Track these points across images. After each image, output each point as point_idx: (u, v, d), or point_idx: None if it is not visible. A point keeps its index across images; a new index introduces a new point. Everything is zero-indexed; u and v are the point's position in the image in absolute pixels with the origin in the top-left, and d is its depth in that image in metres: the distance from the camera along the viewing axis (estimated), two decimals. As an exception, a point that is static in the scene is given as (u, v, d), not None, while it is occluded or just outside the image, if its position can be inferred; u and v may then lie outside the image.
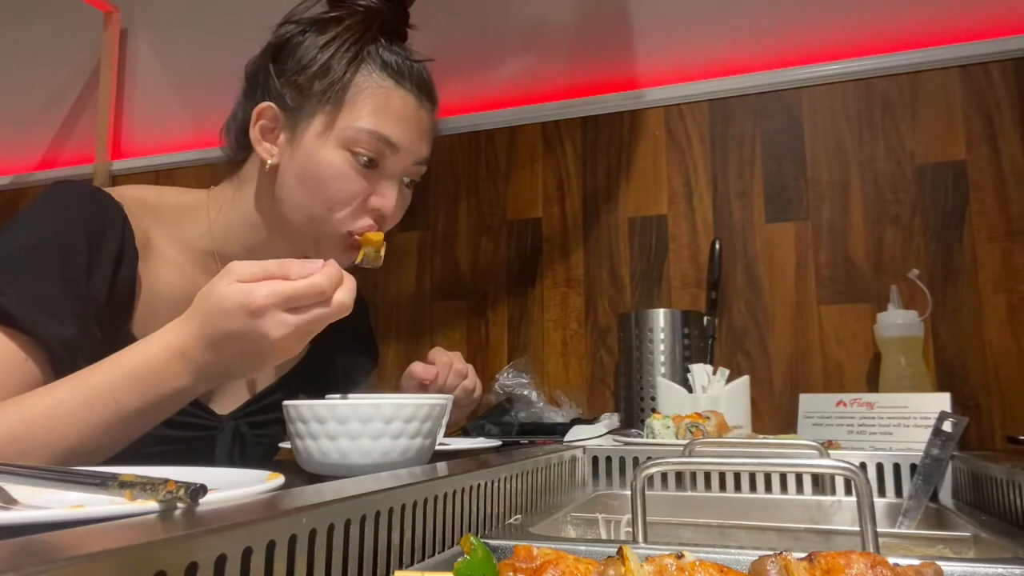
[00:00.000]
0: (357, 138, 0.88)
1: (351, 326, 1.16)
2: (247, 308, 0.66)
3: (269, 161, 0.90)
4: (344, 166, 0.88)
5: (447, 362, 1.05)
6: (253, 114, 0.91)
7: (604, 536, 0.72)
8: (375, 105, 0.89)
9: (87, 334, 0.79)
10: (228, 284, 0.68)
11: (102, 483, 0.41)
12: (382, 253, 0.93)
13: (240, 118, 0.96)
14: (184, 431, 0.87)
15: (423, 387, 1.03)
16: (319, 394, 1.12)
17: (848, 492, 0.81)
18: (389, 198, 0.92)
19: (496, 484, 0.61)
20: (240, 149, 0.97)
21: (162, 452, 0.82)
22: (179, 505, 0.37)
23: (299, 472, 0.72)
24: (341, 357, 1.14)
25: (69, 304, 0.77)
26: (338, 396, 0.77)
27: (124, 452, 0.75)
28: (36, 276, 0.76)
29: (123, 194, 0.89)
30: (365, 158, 0.88)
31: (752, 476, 0.85)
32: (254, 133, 0.91)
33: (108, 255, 0.82)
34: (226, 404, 0.96)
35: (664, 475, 0.88)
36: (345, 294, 0.71)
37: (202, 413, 0.91)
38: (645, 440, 1.03)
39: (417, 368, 1.06)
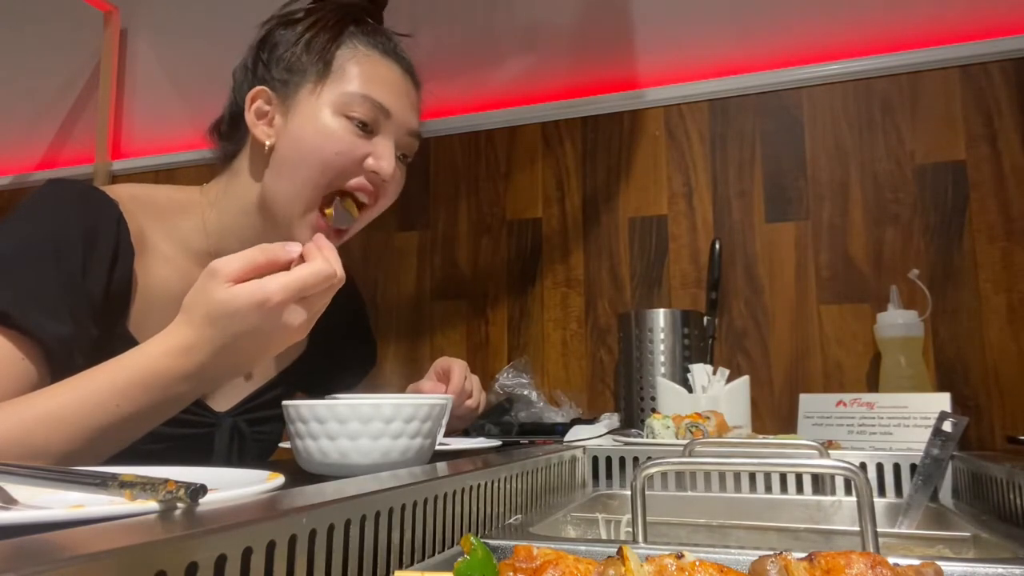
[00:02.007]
0: (350, 103, 0.89)
1: (350, 324, 1.16)
2: (265, 306, 0.67)
3: (267, 143, 0.91)
4: (340, 130, 0.89)
5: (458, 387, 1.07)
6: (247, 99, 0.92)
7: (604, 536, 0.72)
8: (362, 70, 0.91)
9: (84, 332, 0.79)
10: (226, 287, 0.67)
11: (102, 483, 0.41)
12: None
13: (230, 113, 0.98)
14: (182, 428, 0.86)
15: None
16: (317, 391, 1.12)
17: (848, 492, 0.81)
18: (387, 160, 0.92)
19: (496, 484, 0.61)
20: (231, 143, 0.98)
21: (160, 449, 0.82)
22: (179, 505, 0.37)
23: (299, 472, 0.72)
24: (339, 355, 1.15)
25: (65, 302, 0.77)
26: (339, 396, 0.77)
27: (122, 450, 0.75)
28: (32, 274, 0.76)
29: (116, 192, 0.89)
30: (359, 122, 0.90)
31: (752, 476, 0.85)
32: (250, 117, 0.92)
33: (103, 252, 0.82)
34: (224, 401, 0.96)
35: (664, 475, 0.88)
36: (339, 266, 0.73)
37: (200, 410, 0.91)
38: (645, 440, 1.03)
39: (426, 387, 1.07)
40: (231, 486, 0.46)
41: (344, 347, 1.15)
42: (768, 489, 0.85)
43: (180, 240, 0.93)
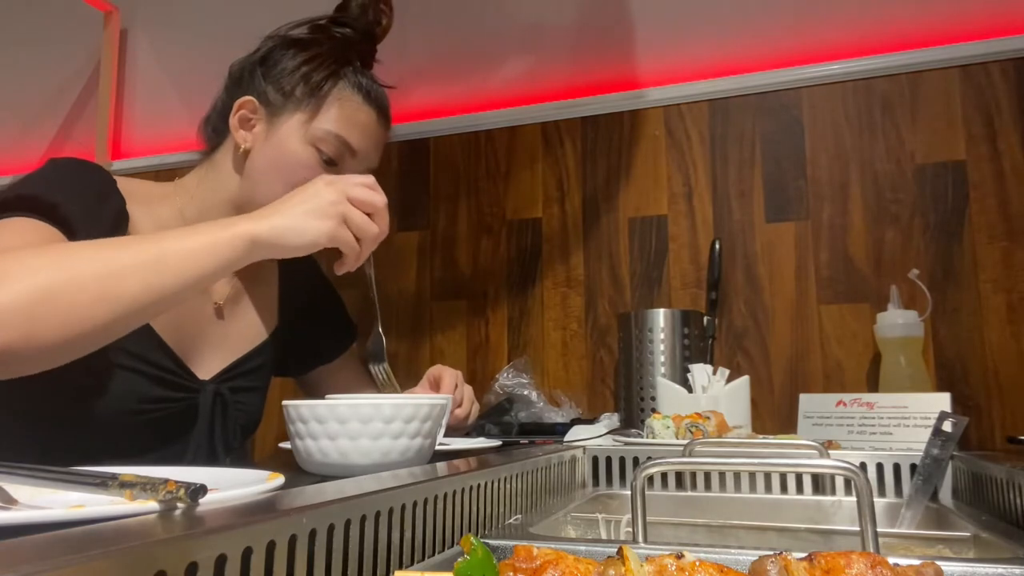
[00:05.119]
0: (325, 139, 1.00)
1: (327, 302, 1.24)
2: (325, 178, 0.89)
3: (243, 146, 1.00)
4: (310, 159, 0.99)
5: (448, 392, 1.10)
6: (235, 104, 1.01)
7: (604, 536, 0.72)
8: (344, 114, 1.01)
9: None
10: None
11: (102, 483, 0.41)
12: None
13: (219, 109, 1.06)
14: (168, 390, 0.94)
15: None
16: (297, 366, 1.20)
17: (848, 492, 0.81)
18: None
19: (496, 484, 0.62)
20: (215, 136, 1.06)
21: (148, 411, 0.91)
22: (179, 505, 0.37)
23: (299, 472, 0.72)
24: (316, 331, 1.21)
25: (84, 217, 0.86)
26: (338, 396, 0.77)
27: (108, 415, 0.87)
28: (56, 194, 0.85)
29: None
30: (327, 156, 1.00)
31: (752, 476, 0.85)
32: (233, 121, 1.01)
33: (110, 210, 0.90)
34: (207, 369, 1.01)
35: (664, 475, 0.88)
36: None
37: (184, 375, 0.96)
38: (645, 440, 1.03)
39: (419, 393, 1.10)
40: (231, 486, 0.46)
41: (321, 324, 1.22)
42: (768, 489, 0.85)
43: (160, 226, 0.99)
